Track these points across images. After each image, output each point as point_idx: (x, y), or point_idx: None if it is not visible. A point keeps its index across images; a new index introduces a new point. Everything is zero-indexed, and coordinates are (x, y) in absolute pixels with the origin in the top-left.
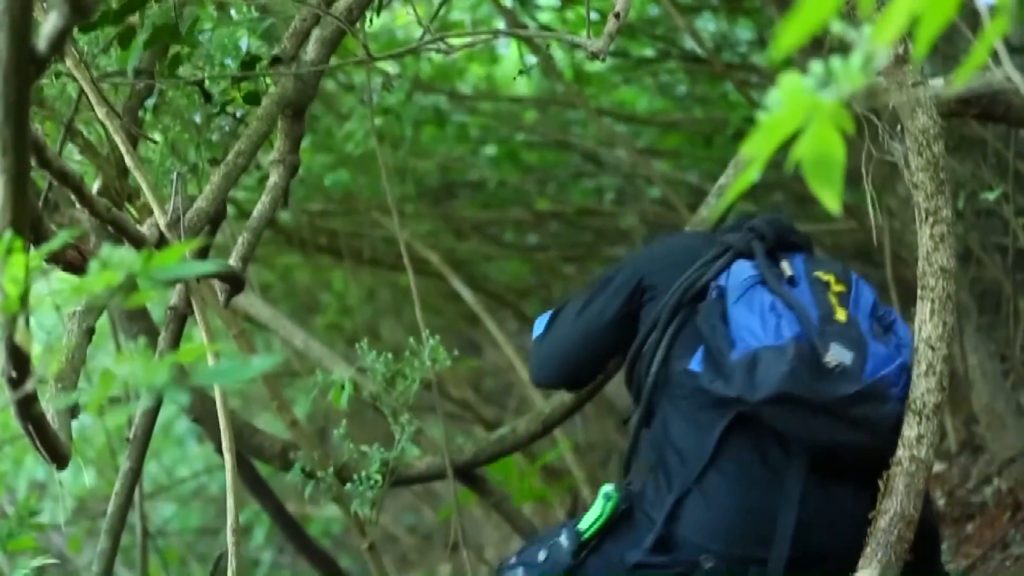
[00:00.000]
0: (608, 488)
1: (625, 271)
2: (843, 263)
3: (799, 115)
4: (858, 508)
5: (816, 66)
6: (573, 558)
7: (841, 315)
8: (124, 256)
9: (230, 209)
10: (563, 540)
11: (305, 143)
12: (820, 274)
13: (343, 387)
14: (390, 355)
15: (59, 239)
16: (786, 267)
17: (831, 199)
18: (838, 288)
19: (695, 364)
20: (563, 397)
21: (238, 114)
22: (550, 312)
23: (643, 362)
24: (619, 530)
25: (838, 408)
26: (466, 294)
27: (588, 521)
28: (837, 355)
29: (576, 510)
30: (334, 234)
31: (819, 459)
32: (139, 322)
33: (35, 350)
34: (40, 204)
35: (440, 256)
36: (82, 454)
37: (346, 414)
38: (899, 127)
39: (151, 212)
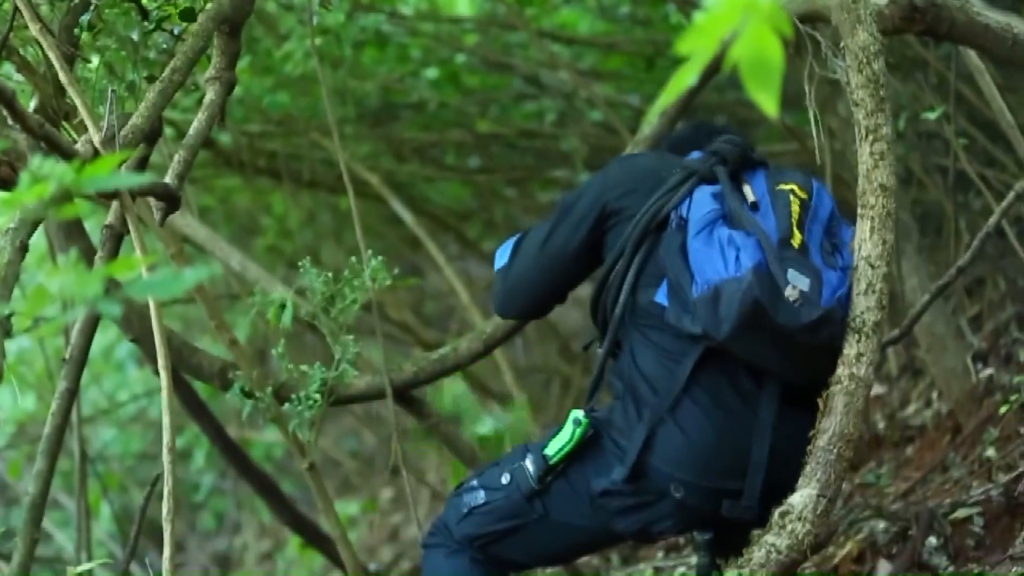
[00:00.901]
0: (578, 414)
1: (586, 198)
2: (805, 171)
3: (736, 14)
4: None
5: None
6: (538, 483)
7: (796, 239)
8: (56, 168)
9: (167, 130)
10: (528, 464)
11: (244, 64)
12: (783, 185)
13: (282, 307)
14: (329, 275)
15: None
16: (748, 191)
17: (768, 102)
18: (801, 195)
19: (661, 296)
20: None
21: (175, 31)
22: (511, 242)
23: (610, 292)
24: (585, 456)
25: (801, 335)
26: (407, 217)
27: (556, 446)
28: (795, 281)
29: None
30: (273, 156)
31: (789, 387)
32: (76, 243)
33: None
34: None
35: (380, 178)
36: (22, 378)
37: (285, 336)
38: (840, 45)
39: (87, 131)
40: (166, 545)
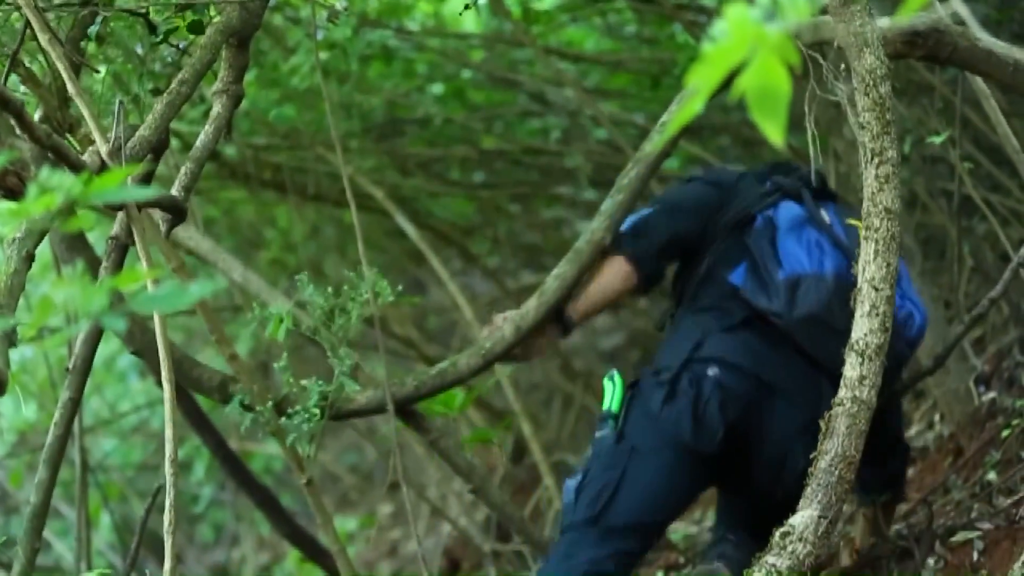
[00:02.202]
0: (611, 372)
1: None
2: None
3: (745, 45)
4: None
5: None
6: (616, 430)
7: None
8: (63, 179)
9: (174, 142)
10: (601, 429)
11: (250, 77)
12: (851, 221)
13: (281, 320)
14: (329, 289)
15: None
16: (824, 214)
17: (774, 132)
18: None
19: (735, 277)
20: (503, 332)
21: (180, 45)
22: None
23: (694, 267)
24: (638, 394)
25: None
26: (411, 231)
27: (609, 400)
28: None
29: (520, 451)
30: (278, 169)
31: (835, 379)
32: (80, 254)
33: None
34: None
35: (385, 193)
36: (24, 388)
37: (288, 350)
38: (843, 67)
39: (93, 143)
40: (167, 557)
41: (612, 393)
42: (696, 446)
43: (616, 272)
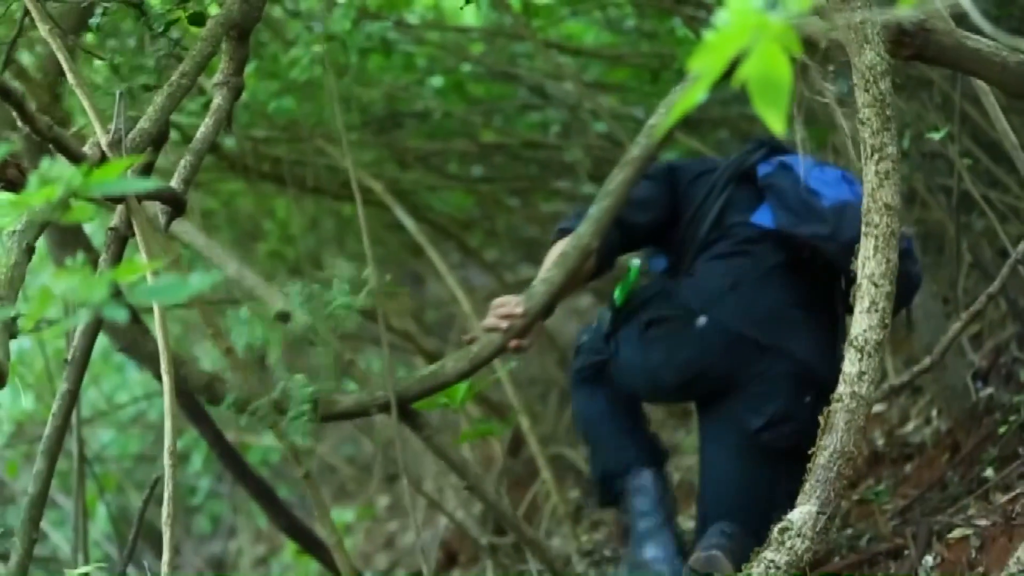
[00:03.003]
0: (635, 261)
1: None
2: None
3: (746, 33)
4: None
5: None
6: (611, 326)
7: None
8: (64, 171)
9: (174, 134)
10: (606, 311)
11: (250, 69)
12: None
13: (279, 318)
14: (317, 287)
15: None
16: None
17: (776, 120)
18: None
19: (760, 218)
20: (492, 337)
21: (175, 37)
22: None
23: (697, 223)
24: (639, 308)
25: None
26: (410, 224)
27: (619, 291)
28: None
29: (517, 444)
30: (278, 161)
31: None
32: (71, 251)
33: None
34: None
35: (384, 186)
36: (22, 378)
37: (285, 342)
38: (831, 67)
39: (85, 139)
40: (165, 549)
41: (625, 281)
42: (686, 381)
43: None
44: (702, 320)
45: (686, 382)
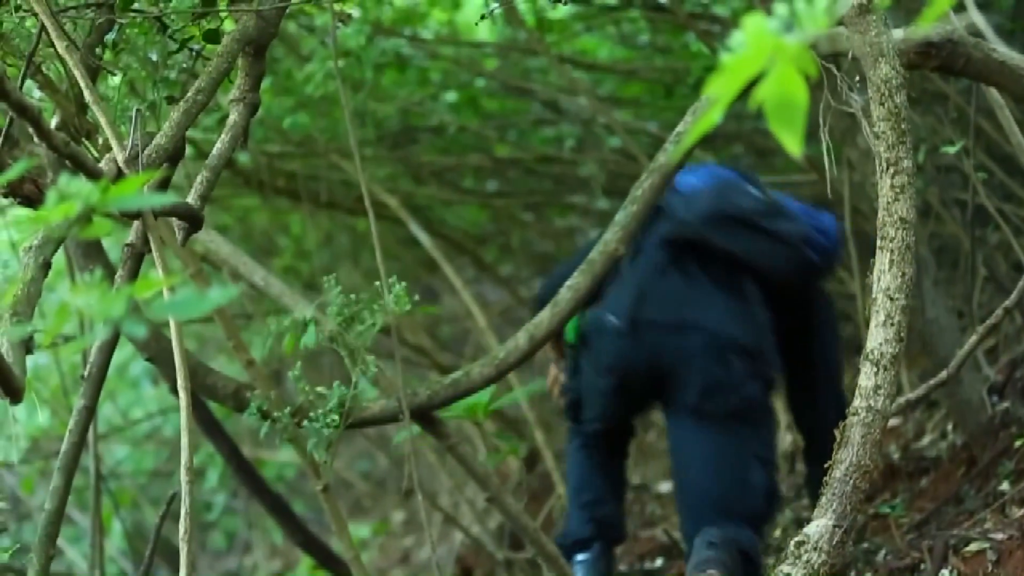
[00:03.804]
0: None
1: None
2: None
3: (762, 56)
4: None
5: (780, 8)
6: (573, 362)
7: None
8: (81, 187)
9: (189, 150)
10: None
11: (265, 85)
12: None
13: (303, 327)
14: (352, 296)
15: (16, 168)
16: None
17: (792, 142)
18: None
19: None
20: (517, 342)
21: (194, 50)
22: None
23: None
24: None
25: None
26: (424, 239)
27: (568, 329)
28: None
29: (533, 459)
30: (292, 176)
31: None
32: (95, 262)
33: None
34: (0, 140)
35: (399, 201)
36: (37, 394)
37: (301, 357)
38: (857, 79)
39: (110, 150)
40: (182, 565)
41: (572, 322)
42: (624, 381)
43: None
44: (612, 320)
45: (620, 384)
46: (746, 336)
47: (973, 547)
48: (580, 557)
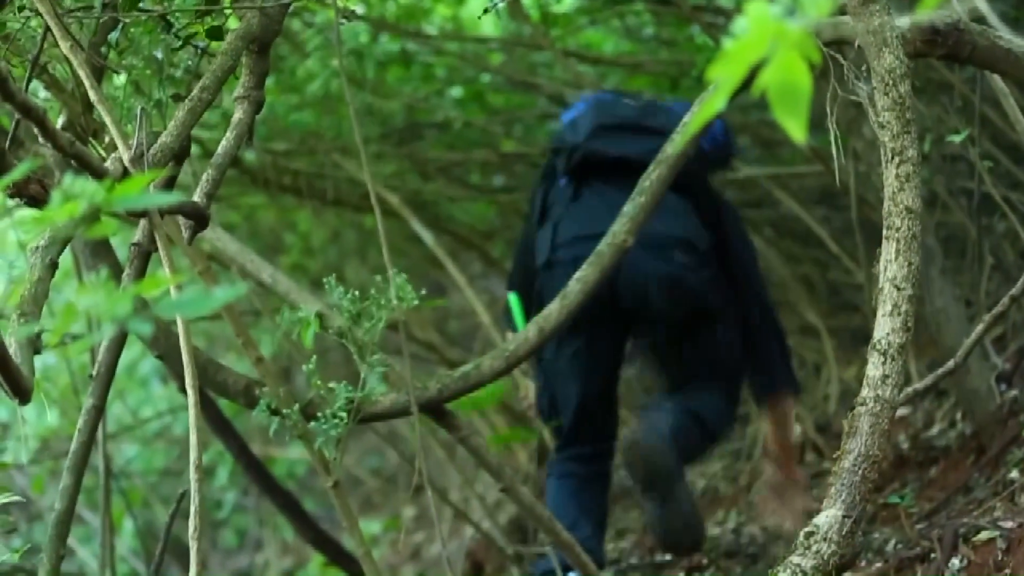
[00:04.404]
0: (509, 294)
1: None
2: None
3: (765, 41)
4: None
5: None
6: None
7: None
8: (87, 187)
9: (194, 148)
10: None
11: (268, 82)
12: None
13: (311, 322)
14: (356, 292)
15: (21, 169)
16: None
17: (796, 128)
18: None
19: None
20: (527, 334)
21: (200, 47)
22: None
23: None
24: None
25: None
26: (426, 236)
27: (517, 321)
28: None
29: (542, 454)
30: (298, 174)
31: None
32: (103, 260)
33: None
34: (7, 142)
35: (403, 197)
36: (46, 394)
37: (311, 354)
38: (863, 67)
39: (115, 149)
40: (193, 563)
41: (514, 313)
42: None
43: None
44: (558, 254)
45: (582, 331)
46: (683, 232)
47: (983, 536)
48: None
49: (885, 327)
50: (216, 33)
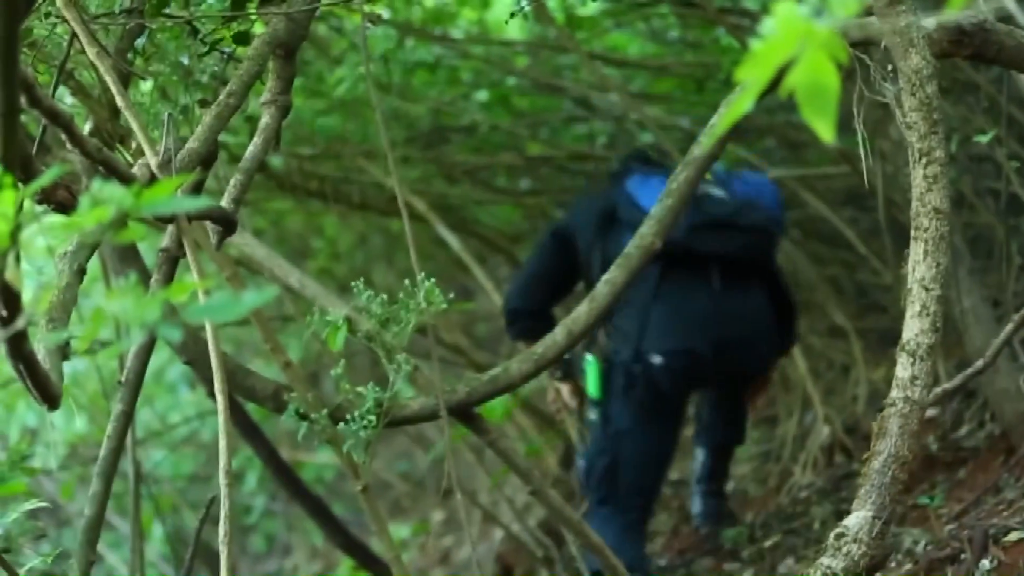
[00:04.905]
0: (587, 357)
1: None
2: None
3: (793, 42)
4: (753, 302)
5: None
6: (603, 415)
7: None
8: (115, 192)
9: (222, 153)
10: (590, 414)
11: (295, 87)
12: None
13: (339, 327)
14: (384, 296)
15: (49, 175)
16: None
17: (824, 128)
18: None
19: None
20: (555, 337)
21: (226, 53)
22: None
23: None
24: (610, 382)
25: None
26: (452, 240)
27: (592, 386)
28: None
29: (568, 456)
30: (324, 179)
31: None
32: (131, 266)
33: (27, 294)
34: (34, 147)
35: (430, 201)
36: (75, 400)
37: (340, 358)
38: (890, 67)
39: (143, 155)
40: (223, 568)
41: (591, 378)
42: (663, 412)
43: None
44: (657, 360)
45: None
46: (768, 329)
47: (1013, 536)
48: None
49: (914, 328)
50: (242, 38)
